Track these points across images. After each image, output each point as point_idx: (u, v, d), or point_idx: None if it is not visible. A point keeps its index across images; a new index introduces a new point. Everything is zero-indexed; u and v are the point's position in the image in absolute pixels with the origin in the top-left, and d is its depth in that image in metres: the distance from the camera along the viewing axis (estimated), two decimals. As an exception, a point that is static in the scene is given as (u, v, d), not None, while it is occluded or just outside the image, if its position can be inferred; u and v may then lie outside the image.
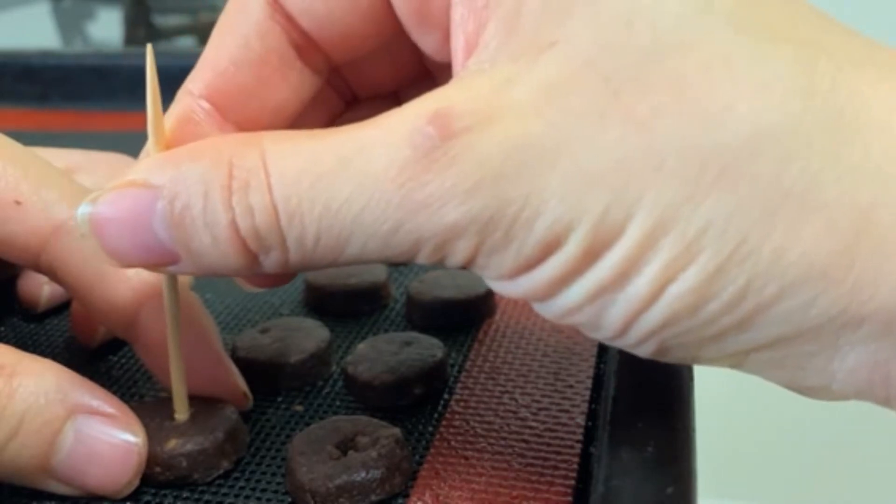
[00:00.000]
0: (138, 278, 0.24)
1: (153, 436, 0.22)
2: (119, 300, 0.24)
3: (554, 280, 0.18)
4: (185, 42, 0.93)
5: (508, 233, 0.18)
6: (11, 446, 0.21)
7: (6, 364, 0.21)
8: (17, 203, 0.23)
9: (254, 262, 0.19)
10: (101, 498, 0.22)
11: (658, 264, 0.18)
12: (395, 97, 0.26)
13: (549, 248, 0.18)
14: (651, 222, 0.17)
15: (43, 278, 0.29)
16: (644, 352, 0.20)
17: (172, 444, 0.22)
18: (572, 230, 0.18)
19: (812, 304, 0.17)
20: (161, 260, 0.20)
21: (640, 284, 0.18)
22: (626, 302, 0.18)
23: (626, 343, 0.19)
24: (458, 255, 0.19)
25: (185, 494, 0.22)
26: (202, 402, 0.24)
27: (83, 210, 0.20)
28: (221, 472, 0.23)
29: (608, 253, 0.18)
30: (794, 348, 0.18)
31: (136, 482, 0.22)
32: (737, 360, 0.19)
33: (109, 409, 0.22)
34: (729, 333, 0.18)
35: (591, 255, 0.18)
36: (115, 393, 0.26)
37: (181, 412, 0.23)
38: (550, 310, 0.19)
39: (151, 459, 0.22)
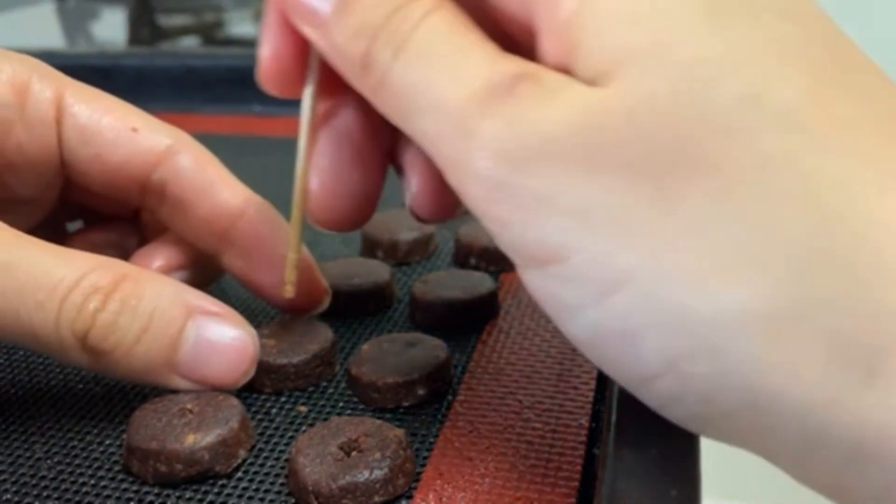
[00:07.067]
0: (242, 188, 0.28)
1: (167, 435, 0.22)
2: (226, 203, 0.27)
3: None
4: (189, 42, 0.93)
5: None
6: (145, 339, 0.23)
7: (129, 272, 0.24)
8: (134, 130, 0.27)
9: None
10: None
11: None
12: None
13: None
14: None
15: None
16: None
17: (191, 439, 0.22)
18: None
19: None
20: None
21: None
22: None
23: None
24: None
25: (188, 495, 0.22)
26: (205, 396, 0.24)
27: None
28: (240, 461, 0.23)
29: None
30: None
31: (252, 373, 0.25)
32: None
33: (221, 311, 0.25)
34: None
35: None
36: (115, 393, 0.26)
37: (289, 283, 0.25)
38: None
39: (173, 457, 0.22)
